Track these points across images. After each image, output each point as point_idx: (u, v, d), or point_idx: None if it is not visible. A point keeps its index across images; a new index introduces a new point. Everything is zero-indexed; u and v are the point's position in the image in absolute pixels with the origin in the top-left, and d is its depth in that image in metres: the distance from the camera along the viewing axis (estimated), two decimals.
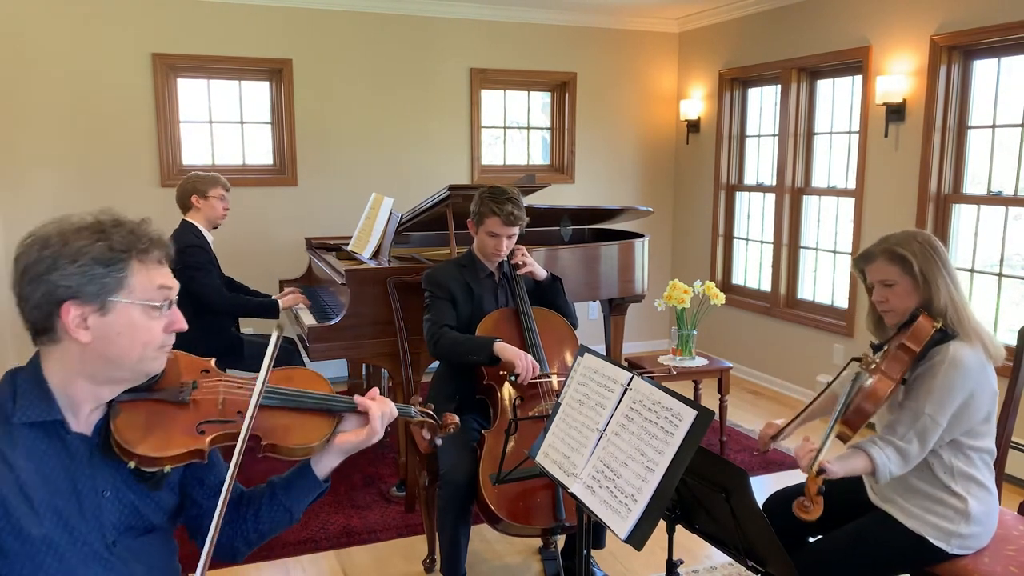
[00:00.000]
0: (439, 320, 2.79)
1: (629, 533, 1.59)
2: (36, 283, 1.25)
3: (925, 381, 2.00)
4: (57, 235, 1.25)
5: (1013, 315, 4.04)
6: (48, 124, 4.71)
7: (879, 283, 2.12)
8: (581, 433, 1.83)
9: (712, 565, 3.08)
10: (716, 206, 5.93)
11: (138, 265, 1.28)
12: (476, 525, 2.82)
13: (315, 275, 4.64)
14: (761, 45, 5.38)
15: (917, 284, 2.05)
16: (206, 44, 4.97)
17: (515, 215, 2.76)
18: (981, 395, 2.02)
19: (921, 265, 2.04)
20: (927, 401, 1.97)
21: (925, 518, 2.03)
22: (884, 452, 1.96)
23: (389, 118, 5.47)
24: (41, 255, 1.24)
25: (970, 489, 2.04)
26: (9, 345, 4.64)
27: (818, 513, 1.81)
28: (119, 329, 1.27)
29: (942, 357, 1.98)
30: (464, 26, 5.58)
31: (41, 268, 1.24)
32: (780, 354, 5.40)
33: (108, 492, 1.32)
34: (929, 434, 1.97)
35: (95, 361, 1.28)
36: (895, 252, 2.07)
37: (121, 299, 1.26)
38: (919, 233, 2.13)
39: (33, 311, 1.26)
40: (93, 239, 1.25)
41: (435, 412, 1.71)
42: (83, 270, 1.24)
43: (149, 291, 1.29)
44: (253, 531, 1.50)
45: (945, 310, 2.03)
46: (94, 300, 1.25)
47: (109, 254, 1.25)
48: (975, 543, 2.05)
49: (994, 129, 4.07)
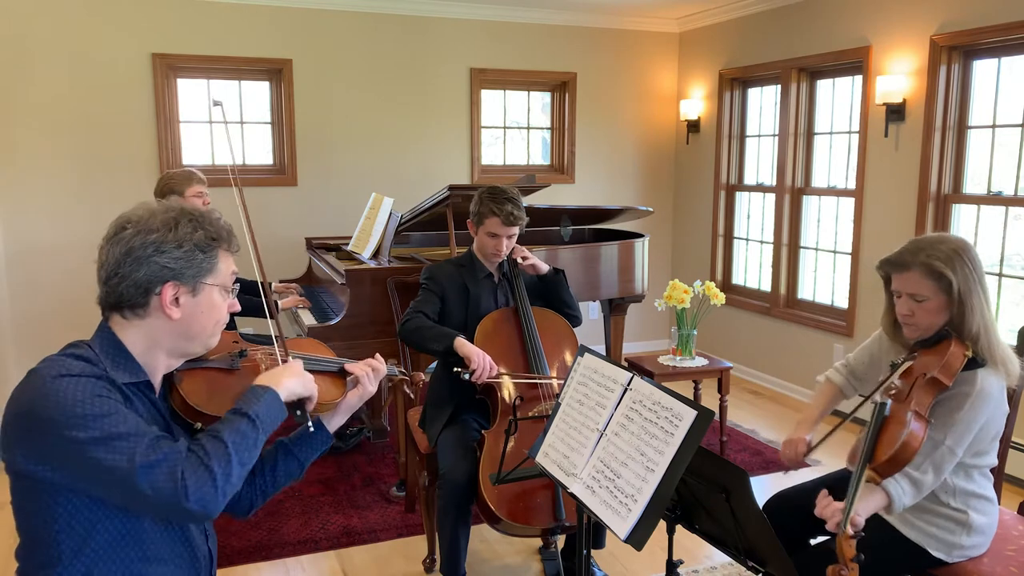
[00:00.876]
0: (418, 307, 2.80)
1: (629, 533, 1.59)
2: (141, 263, 1.36)
3: (949, 412, 1.87)
4: (160, 222, 1.39)
5: (1013, 315, 4.04)
6: (48, 124, 4.71)
7: (908, 295, 1.94)
8: (581, 433, 1.83)
9: (712, 565, 3.08)
10: (716, 206, 5.93)
11: (224, 253, 1.46)
12: (476, 525, 2.82)
13: (315, 275, 4.64)
14: (761, 45, 5.38)
15: (952, 304, 1.89)
16: (206, 44, 4.97)
17: (515, 215, 2.75)
18: (998, 420, 1.94)
19: (961, 286, 1.87)
20: (948, 432, 1.86)
21: (926, 530, 2.00)
22: (900, 485, 1.86)
23: (389, 118, 5.47)
24: (148, 239, 1.37)
25: (970, 503, 2.00)
26: (9, 345, 4.65)
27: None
28: (204, 308, 1.43)
29: (969, 388, 1.86)
30: (464, 26, 5.58)
31: (148, 250, 1.37)
32: (780, 354, 5.40)
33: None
34: (946, 465, 1.87)
35: (177, 335, 1.42)
36: (934, 268, 1.88)
37: (209, 282, 1.43)
38: (959, 244, 1.92)
39: (131, 288, 1.37)
40: (192, 227, 1.40)
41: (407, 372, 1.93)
42: (187, 255, 1.39)
43: (227, 276, 1.47)
44: (271, 484, 1.64)
45: (978, 336, 1.88)
46: (190, 282, 1.40)
47: (207, 242, 1.42)
48: (976, 552, 2.03)
49: (994, 129, 4.07)
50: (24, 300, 4.74)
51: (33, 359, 1.39)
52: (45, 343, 1.41)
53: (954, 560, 2.01)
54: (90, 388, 1.28)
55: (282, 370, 1.52)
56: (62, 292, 4.71)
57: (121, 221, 1.40)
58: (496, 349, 2.73)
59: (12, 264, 4.71)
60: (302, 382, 1.52)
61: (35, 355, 1.39)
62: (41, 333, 4.68)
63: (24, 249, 4.73)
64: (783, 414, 4.96)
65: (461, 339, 2.62)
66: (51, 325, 4.70)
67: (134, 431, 1.27)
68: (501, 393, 2.67)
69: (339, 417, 1.71)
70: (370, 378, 1.71)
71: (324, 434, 1.68)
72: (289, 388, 1.49)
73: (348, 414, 1.72)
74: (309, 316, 3.89)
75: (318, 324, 3.67)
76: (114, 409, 1.28)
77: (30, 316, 4.73)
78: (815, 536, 2.29)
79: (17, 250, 4.73)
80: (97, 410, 1.26)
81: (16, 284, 4.72)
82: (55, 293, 4.75)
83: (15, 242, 4.71)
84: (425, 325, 2.72)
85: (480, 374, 2.55)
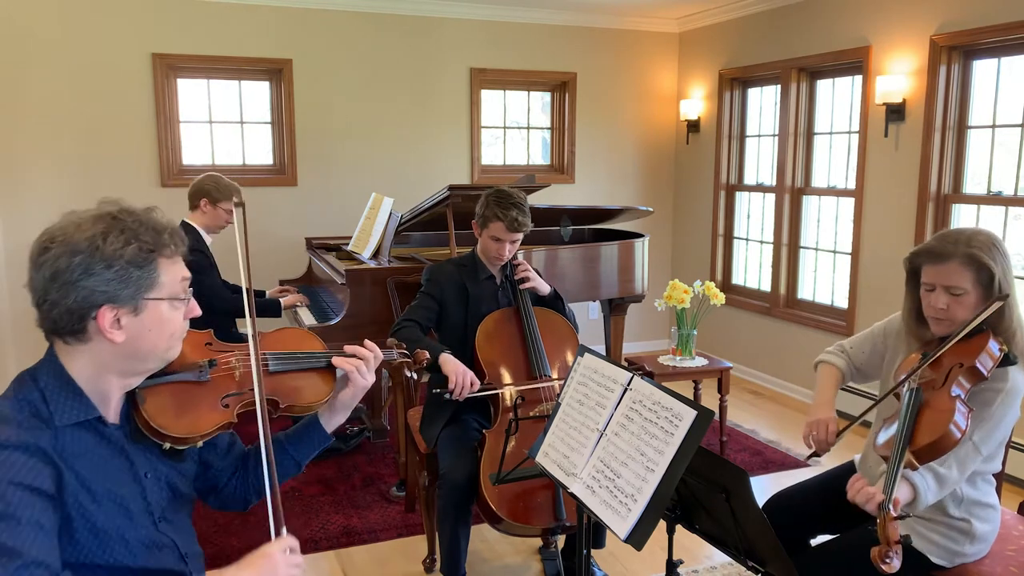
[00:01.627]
0: (411, 313, 2.79)
1: (629, 533, 1.59)
2: (68, 288, 1.24)
3: (979, 406, 1.82)
4: (85, 240, 1.24)
5: None
6: (48, 124, 4.71)
7: (943, 288, 1.84)
8: (581, 433, 1.83)
9: (712, 565, 3.08)
10: (716, 206, 5.93)
11: (165, 262, 1.31)
12: (476, 525, 2.82)
13: (315, 275, 4.64)
14: (761, 45, 5.38)
15: (989, 298, 1.80)
16: (206, 44, 4.97)
17: (519, 221, 2.74)
18: (1013, 421, 1.90)
19: (1002, 278, 1.80)
20: (976, 428, 1.81)
21: (928, 536, 1.98)
22: (925, 479, 1.79)
23: (389, 118, 5.47)
24: (72, 261, 1.23)
25: (973, 511, 1.96)
26: (9, 345, 4.64)
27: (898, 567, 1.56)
28: (150, 325, 1.30)
29: (1002, 384, 1.81)
30: (464, 26, 5.58)
31: (75, 274, 1.24)
32: (780, 354, 5.40)
33: (148, 474, 1.38)
34: (970, 462, 1.82)
35: (126, 357, 1.30)
36: (977, 257, 1.80)
37: (152, 297, 1.29)
38: (993, 236, 1.85)
39: (63, 315, 1.26)
40: (123, 241, 1.25)
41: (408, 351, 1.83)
42: (119, 274, 1.25)
43: (175, 285, 1.33)
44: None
45: (1014, 333, 1.82)
46: (129, 302, 1.27)
47: (141, 255, 1.27)
48: (976, 557, 2.01)
49: (994, 129, 4.07)
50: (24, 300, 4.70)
51: (33, 360, 1.38)
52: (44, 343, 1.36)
53: (954, 565, 2.00)
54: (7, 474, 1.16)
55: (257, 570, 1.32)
56: None
57: (45, 239, 1.27)
58: (497, 349, 2.73)
59: (12, 264, 4.71)
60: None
61: (35, 355, 1.38)
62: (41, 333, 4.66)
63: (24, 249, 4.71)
64: (783, 414, 4.96)
65: (445, 355, 2.59)
66: None
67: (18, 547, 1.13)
68: (501, 393, 2.67)
69: (338, 416, 1.63)
70: (362, 372, 1.59)
71: (321, 433, 1.62)
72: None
73: (347, 411, 1.64)
74: (309, 316, 3.90)
75: (318, 324, 3.67)
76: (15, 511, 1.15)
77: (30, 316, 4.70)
78: (815, 536, 2.29)
79: (17, 250, 4.72)
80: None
81: (16, 284, 4.70)
82: None
83: (15, 242, 4.71)
84: (413, 338, 2.67)
85: (459, 392, 2.53)
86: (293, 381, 1.55)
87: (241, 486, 1.60)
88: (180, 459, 1.46)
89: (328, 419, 1.63)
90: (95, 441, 1.31)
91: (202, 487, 1.59)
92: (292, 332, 1.65)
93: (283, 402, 1.52)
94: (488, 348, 2.73)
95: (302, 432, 1.63)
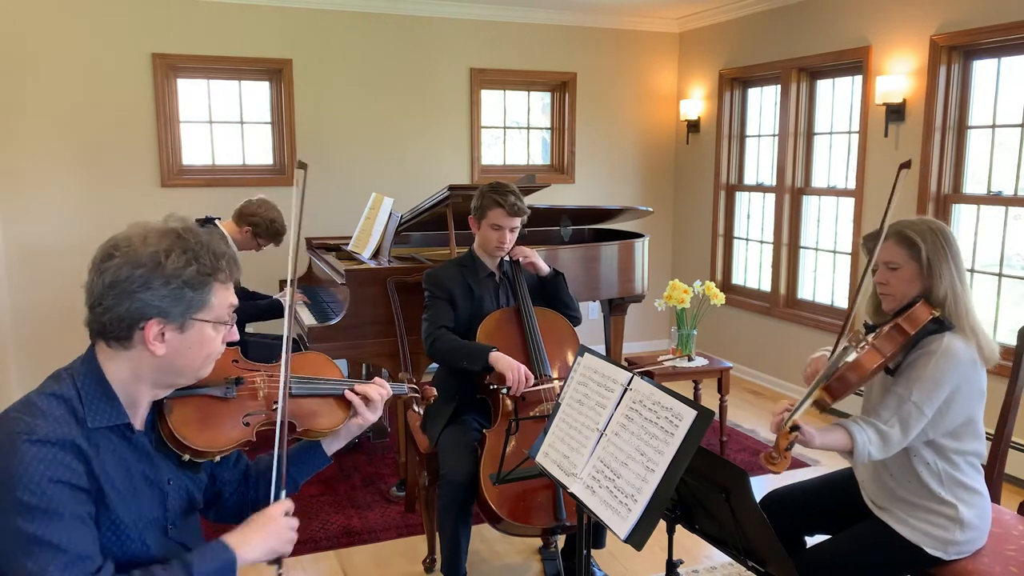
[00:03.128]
0: (436, 321, 2.79)
1: (629, 533, 1.59)
2: (124, 297, 1.29)
3: (915, 369, 1.96)
4: (149, 254, 1.29)
5: (1013, 315, 4.03)
6: (48, 124, 4.71)
7: (883, 264, 2.07)
8: (581, 433, 1.83)
9: (712, 565, 3.08)
10: (716, 206, 5.93)
11: (219, 286, 1.37)
12: (476, 525, 2.82)
13: (315, 275, 4.64)
14: (761, 45, 5.38)
15: (922, 271, 2.01)
16: (206, 44, 4.97)
17: (518, 206, 2.78)
18: (968, 393, 1.98)
19: (929, 252, 2.00)
20: (915, 389, 1.93)
21: (920, 527, 2.01)
22: (865, 432, 1.93)
23: (389, 118, 5.47)
24: (133, 273, 1.28)
25: (959, 495, 2.01)
26: (9, 346, 4.65)
27: (784, 467, 1.81)
28: (191, 344, 1.35)
29: (936, 347, 1.95)
30: (464, 26, 5.58)
31: (133, 285, 1.28)
32: (780, 354, 5.40)
33: (171, 481, 1.44)
34: (912, 422, 1.93)
35: (162, 369, 1.36)
36: (905, 235, 2.03)
37: (199, 318, 1.34)
38: (933, 221, 2.07)
39: (114, 321, 1.30)
40: (184, 261, 1.30)
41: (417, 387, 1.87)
42: (174, 292, 1.30)
43: (223, 310, 1.38)
44: (263, 498, 1.60)
45: (944, 300, 1.99)
46: (178, 319, 1.32)
47: (198, 278, 1.32)
48: (972, 547, 2.03)
49: (994, 129, 4.07)
50: (24, 301, 4.73)
51: (33, 360, 1.39)
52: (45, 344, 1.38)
53: (951, 557, 2.01)
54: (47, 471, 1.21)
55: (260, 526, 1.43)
56: (63, 293, 4.70)
57: (109, 246, 1.32)
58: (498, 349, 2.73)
59: (12, 264, 4.71)
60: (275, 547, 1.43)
61: (35, 356, 1.39)
62: (41, 334, 4.68)
63: (24, 249, 4.73)
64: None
65: (496, 354, 2.62)
66: (51, 326, 4.70)
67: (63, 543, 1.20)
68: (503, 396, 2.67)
69: (341, 442, 1.68)
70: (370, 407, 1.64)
71: (322, 457, 1.67)
72: (253, 557, 1.39)
73: (348, 439, 1.69)
74: (309, 316, 3.89)
75: (318, 324, 3.67)
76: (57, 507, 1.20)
77: (30, 317, 4.73)
78: (812, 535, 2.30)
79: (17, 250, 4.73)
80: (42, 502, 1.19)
81: (16, 285, 4.72)
82: (56, 294, 4.74)
83: (15, 242, 4.71)
84: (455, 345, 2.71)
85: (517, 388, 2.56)
86: (312, 406, 1.60)
87: (240, 500, 1.65)
88: (196, 471, 1.52)
89: (330, 443, 1.68)
90: (123, 445, 1.36)
91: (207, 499, 1.63)
92: (314, 357, 1.70)
93: (300, 425, 1.58)
94: None
95: (303, 453, 1.67)
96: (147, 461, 1.40)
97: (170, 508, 1.44)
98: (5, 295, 4.68)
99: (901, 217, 2.15)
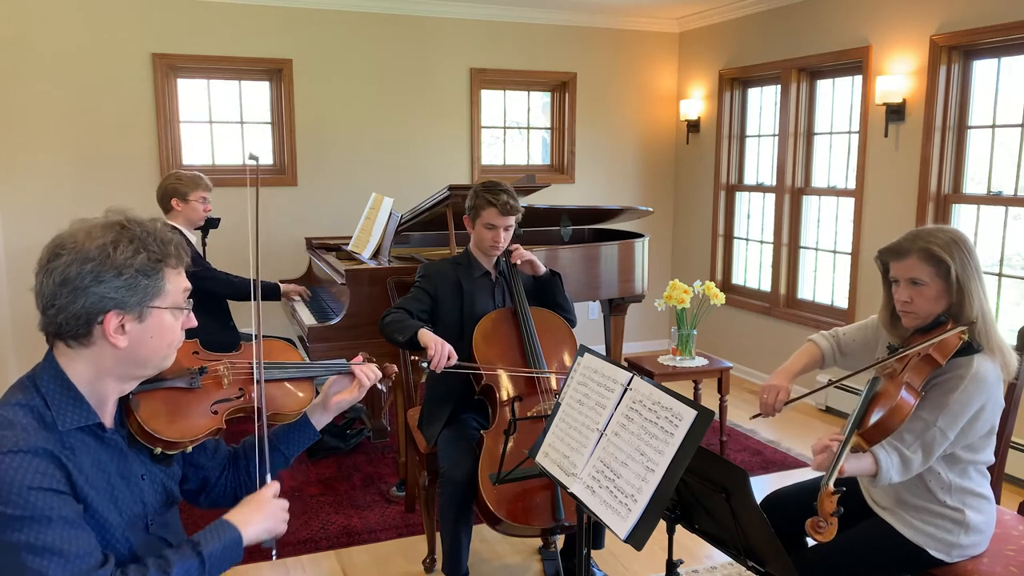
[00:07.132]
0: (403, 304, 2.81)
1: (629, 533, 1.59)
2: (78, 294, 1.29)
3: (943, 393, 1.90)
4: (96, 248, 1.29)
5: (1013, 315, 4.04)
6: (48, 124, 4.71)
7: (906, 281, 1.97)
8: (581, 433, 1.83)
9: (712, 565, 3.08)
10: (716, 206, 5.93)
11: (171, 272, 1.37)
12: (476, 525, 2.82)
13: (315, 275, 4.64)
14: (761, 45, 5.38)
15: (949, 290, 1.92)
16: (206, 44, 4.97)
17: (511, 204, 2.78)
18: (992, 410, 1.94)
19: (959, 271, 1.90)
20: (941, 414, 1.88)
21: (924, 529, 2.00)
22: (891, 458, 1.89)
23: (389, 118, 5.47)
24: (83, 268, 1.28)
25: (966, 500, 1.99)
26: (9, 346, 4.64)
27: (831, 535, 1.70)
28: (152, 332, 1.35)
29: (965, 371, 1.88)
30: (464, 26, 5.58)
31: (85, 280, 1.28)
32: (780, 354, 5.39)
33: (144, 476, 1.45)
34: (935, 447, 1.89)
35: (126, 362, 1.35)
36: (932, 253, 1.92)
37: (156, 305, 1.35)
38: (955, 233, 1.97)
39: (70, 320, 1.30)
40: (132, 250, 1.31)
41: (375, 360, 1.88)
42: (128, 282, 1.30)
43: (178, 295, 1.39)
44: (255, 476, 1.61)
45: (975, 323, 1.90)
46: (135, 308, 1.32)
47: (149, 265, 1.32)
48: (976, 550, 2.03)
49: (994, 129, 4.07)
50: (24, 301, 4.70)
51: (33, 360, 1.39)
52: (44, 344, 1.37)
53: (954, 560, 2.01)
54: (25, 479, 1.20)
55: (257, 507, 1.47)
56: None
57: (54, 246, 1.31)
58: (495, 349, 2.73)
59: (12, 264, 4.71)
60: (271, 527, 1.47)
61: (35, 356, 1.38)
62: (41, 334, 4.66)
63: (24, 249, 4.72)
64: (783, 414, 4.95)
65: (424, 330, 2.62)
66: None
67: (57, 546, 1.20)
68: (499, 393, 2.67)
69: (330, 415, 1.73)
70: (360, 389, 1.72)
71: (311, 430, 1.71)
72: (255, 535, 1.44)
73: (339, 411, 1.74)
74: (309, 316, 3.89)
75: (318, 324, 3.67)
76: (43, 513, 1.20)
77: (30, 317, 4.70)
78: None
79: (17, 250, 4.73)
80: (27, 511, 1.19)
81: (16, 285, 4.72)
82: None
83: (15, 242, 4.71)
84: (396, 319, 2.72)
85: (437, 361, 2.54)
86: (279, 390, 1.65)
87: (232, 482, 1.67)
88: (169, 463, 1.53)
89: (319, 418, 1.72)
90: (96, 445, 1.35)
91: (192, 488, 1.66)
92: (276, 343, 1.75)
93: (269, 410, 1.60)
94: (485, 348, 2.73)
95: (291, 430, 1.71)
96: (121, 458, 1.40)
97: (148, 503, 1.44)
98: (5, 295, 4.68)
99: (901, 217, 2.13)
